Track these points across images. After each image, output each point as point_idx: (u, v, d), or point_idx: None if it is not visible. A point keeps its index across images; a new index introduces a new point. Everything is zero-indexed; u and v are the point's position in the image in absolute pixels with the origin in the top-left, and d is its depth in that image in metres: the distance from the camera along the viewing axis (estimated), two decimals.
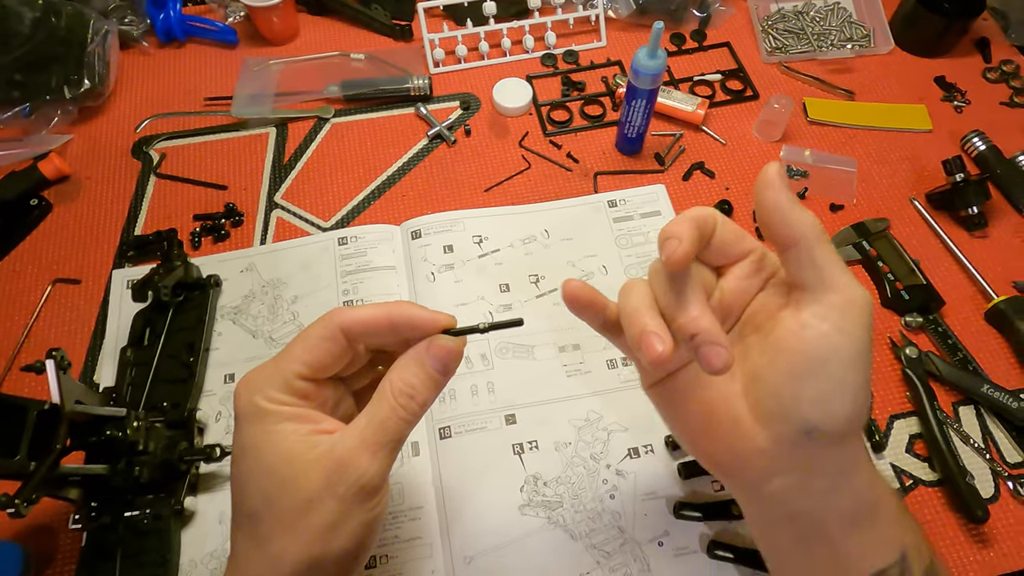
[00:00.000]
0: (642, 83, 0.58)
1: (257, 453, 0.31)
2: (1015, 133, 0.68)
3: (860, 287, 0.30)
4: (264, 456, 0.31)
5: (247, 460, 0.31)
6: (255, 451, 0.31)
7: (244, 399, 0.32)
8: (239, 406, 0.32)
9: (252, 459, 0.31)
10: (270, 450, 0.31)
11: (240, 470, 0.32)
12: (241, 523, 0.32)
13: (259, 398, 0.32)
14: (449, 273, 0.58)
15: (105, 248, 0.61)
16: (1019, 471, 0.51)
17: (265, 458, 0.31)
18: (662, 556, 0.47)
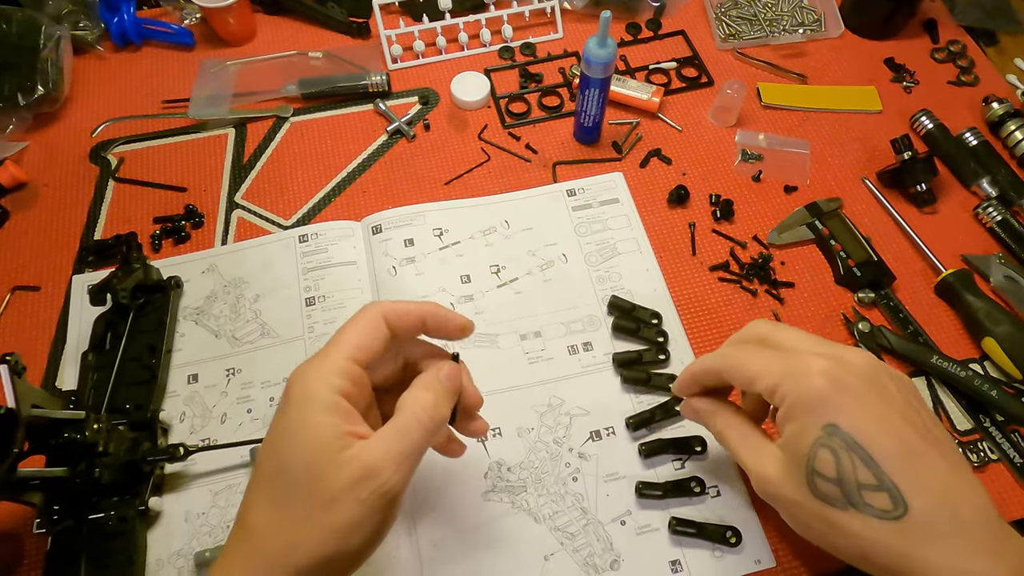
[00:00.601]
0: (594, 72, 0.59)
1: (296, 439, 0.33)
2: (962, 111, 0.70)
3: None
4: (302, 443, 0.33)
5: (287, 441, 0.33)
6: (295, 436, 0.33)
7: (298, 382, 0.34)
8: (290, 387, 0.34)
9: (291, 443, 0.33)
10: (308, 439, 0.33)
11: (278, 449, 0.33)
12: (265, 496, 0.33)
13: (312, 379, 0.34)
14: (411, 266, 0.59)
15: (64, 254, 0.61)
16: (968, 438, 0.52)
17: (303, 445, 0.33)
18: (625, 534, 0.48)
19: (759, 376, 0.38)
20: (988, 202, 0.62)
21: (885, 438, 0.34)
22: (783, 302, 0.58)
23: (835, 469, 0.35)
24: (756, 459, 0.39)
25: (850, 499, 0.35)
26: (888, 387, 0.36)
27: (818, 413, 0.35)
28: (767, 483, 0.38)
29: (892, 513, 0.34)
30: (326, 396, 0.34)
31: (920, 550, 0.33)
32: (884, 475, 0.34)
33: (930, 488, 0.34)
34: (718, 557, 0.47)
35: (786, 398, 0.36)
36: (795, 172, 0.66)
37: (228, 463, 0.51)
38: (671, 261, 0.60)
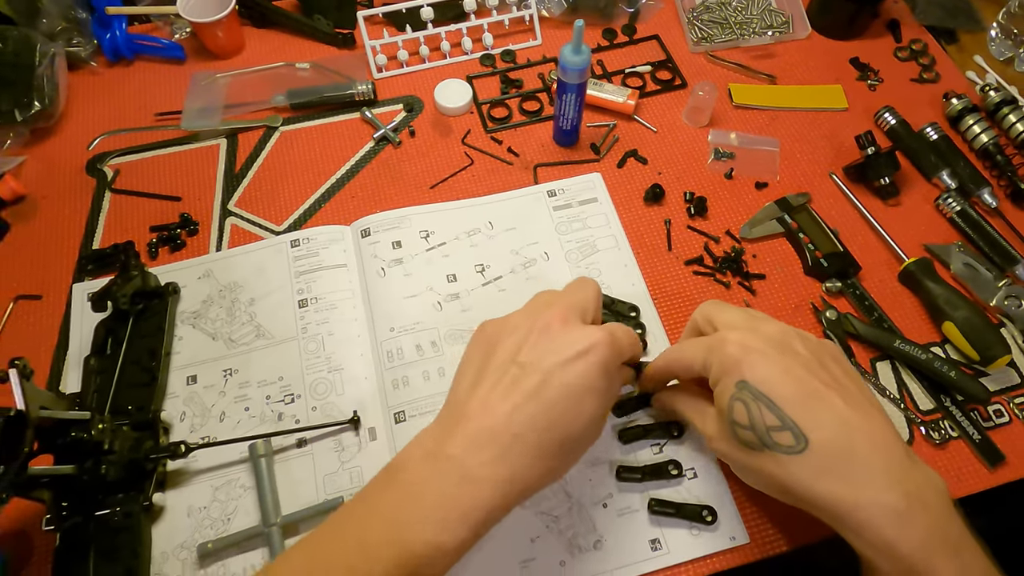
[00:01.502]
0: (570, 78, 0.61)
1: (603, 401, 0.41)
2: (924, 107, 0.73)
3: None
4: (604, 406, 0.42)
5: (595, 400, 0.40)
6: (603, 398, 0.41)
7: (611, 355, 0.41)
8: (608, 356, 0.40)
9: (598, 403, 0.40)
10: (607, 405, 0.42)
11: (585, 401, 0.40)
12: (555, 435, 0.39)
13: (617, 362, 0.42)
14: (398, 267, 0.61)
15: (64, 263, 0.63)
16: (930, 417, 0.55)
17: (604, 407, 0.42)
18: (607, 516, 0.50)
19: (692, 361, 0.45)
20: (948, 193, 0.65)
21: (785, 385, 0.40)
22: (755, 293, 0.61)
23: (747, 417, 0.41)
24: (702, 421, 0.46)
25: (763, 441, 0.40)
26: (794, 346, 0.42)
27: (732, 374, 0.42)
28: (710, 440, 0.46)
29: (795, 448, 0.39)
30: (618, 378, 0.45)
31: (821, 478, 0.39)
32: (786, 416, 0.39)
33: (826, 424, 0.39)
34: (695, 535, 0.50)
35: (711, 368, 0.43)
36: (765, 169, 0.69)
37: (227, 459, 0.53)
38: (648, 256, 0.63)
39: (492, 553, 0.49)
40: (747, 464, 0.43)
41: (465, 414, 0.39)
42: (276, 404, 0.55)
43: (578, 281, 0.47)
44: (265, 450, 0.52)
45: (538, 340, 0.41)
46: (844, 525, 0.39)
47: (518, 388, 0.39)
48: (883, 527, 0.37)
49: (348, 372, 0.56)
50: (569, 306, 0.43)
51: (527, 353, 0.40)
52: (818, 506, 0.39)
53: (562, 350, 0.40)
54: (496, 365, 0.40)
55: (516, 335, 0.42)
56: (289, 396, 0.56)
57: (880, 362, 0.58)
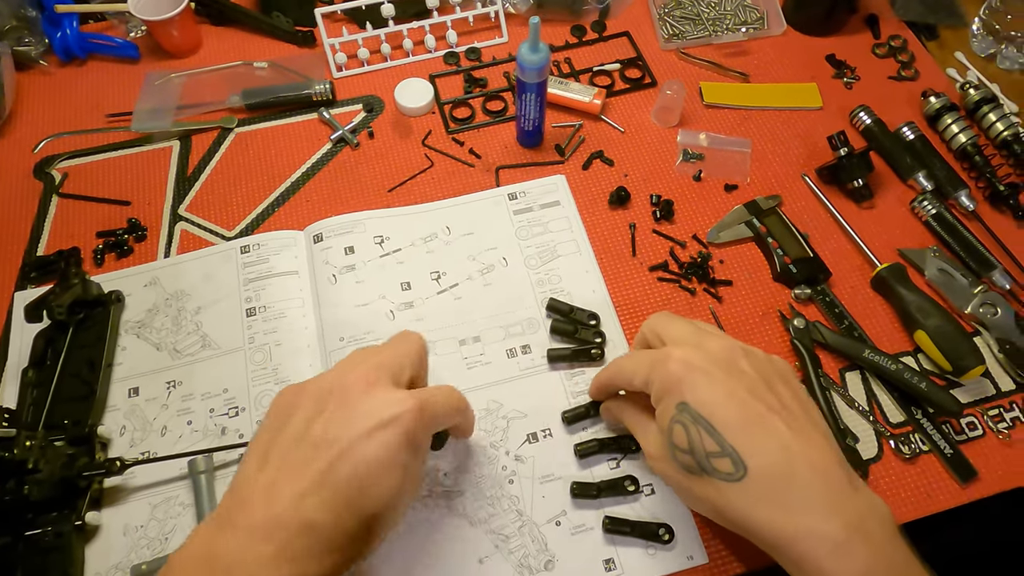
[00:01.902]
0: (528, 77, 0.59)
1: (407, 475, 0.38)
2: (902, 105, 0.71)
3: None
4: (410, 481, 0.39)
5: (397, 475, 0.37)
6: (407, 473, 0.38)
7: (418, 426, 0.38)
8: (417, 430, 0.38)
9: (401, 478, 0.37)
10: (415, 480, 0.39)
11: (385, 478, 0.37)
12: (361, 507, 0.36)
13: (426, 434, 0.40)
14: (350, 274, 0.59)
15: (7, 270, 0.61)
16: (900, 430, 0.53)
17: (410, 482, 0.39)
18: (560, 535, 0.48)
19: (634, 375, 0.43)
20: (924, 196, 0.63)
21: (727, 408, 0.38)
22: (721, 300, 0.59)
23: (687, 441, 0.39)
24: (645, 439, 0.45)
25: (702, 466, 0.39)
26: (740, 365, 0.41)
27: (674, 394, 0.40)
28: (650, 459, 0.44)
29: (734, 476, 0.38)
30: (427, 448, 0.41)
31: (759, 507, 0.37)
32: (726, 442, 0.38)
33: (767, 451, 0.37)
34: (651, 555, 0.48)
35: (653, 385, 0.42)
36: (736, 171, 0.66)
37: (167, 475, 0.51)
38: (611, 262, 0.61)
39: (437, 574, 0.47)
40: (686, 487, 0.41)
41: (248, 501, 0.35)
42: (220, 417, 0.53)
43: (399, 335, 0.44)
44: (206, 466, 0.50)
45: (335, 411, 0.37)
46: (783, 556, 0.37)
47: (308, 470, 0.35)
48: (821, 559, 0.35)
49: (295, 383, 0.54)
50: (378, 366, 0.40)
51: (321, 427, 0.37)
52: (756, 535, 0.38)
53: (359, 421, 0.36)
54: (286, 442, 0.37)
55: (311, 405, 0.38)
56: (234, 409, 0.54)
57: (849, 372, 0.56)
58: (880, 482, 0.51)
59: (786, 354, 0.56)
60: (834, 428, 0.51)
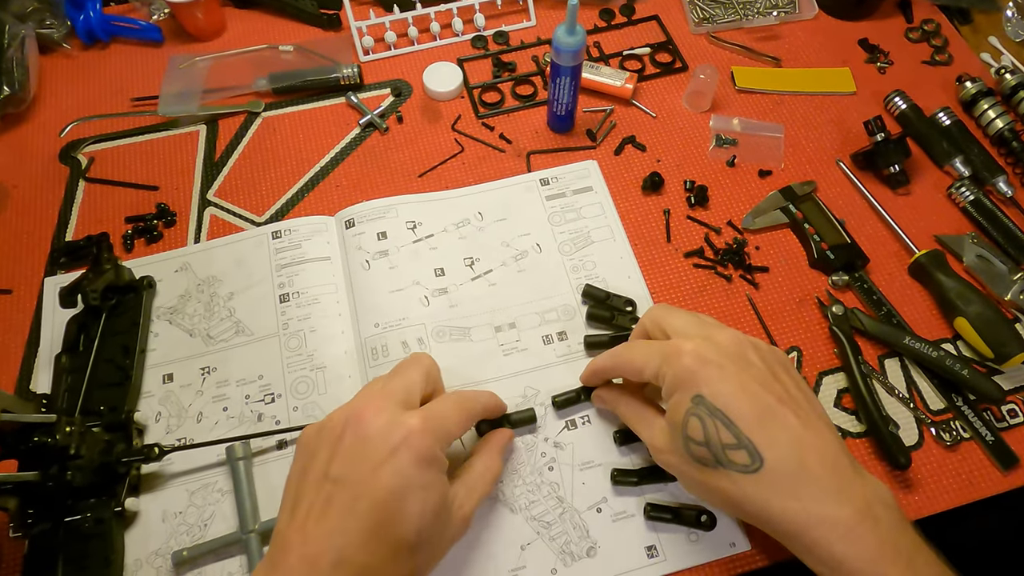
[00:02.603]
0: (564, 60, 0.58)
1: (427, 493, 0.38)
2: (936, 90, 0.70)
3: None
4: (433, 498, 0.39)
5: (417, 496, 0.38)
6: (426, 491, 0.38)
7: (427, 443, 0.39)
8: (424, 446, 0.38)
9: (421, 498, 0.38)
10: (438, 495, 0.39)
11: (407, 503, 0.37)
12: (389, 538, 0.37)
13: (438, 447, 0.40)
14: (383, 260, 0.58)
15: (36, 256, 0.60)
16: (941, 417, 0.53)
17: (433, 500, 0.39)
18: (601, 522, 0.48)
19: (644, 366, 0.43)
20: (961, 182, 0.62)
21: (742, 402, 0.39)
22: (758, 287, 0.59)
23: (703, 434, 0.39)
24: (649, 433, 0.45)
25: (717, 459, 0.39)
26: (750, 358, 0.41)
27: (688, 387, 0.40)
28: (658, 452, 0.44)
29: (751, 467, 0.38)
30: (445, 460, 0.40)
31: (775, 497, 0.38)
32: (742, 434, 0.38)
33: (780, 442, 0.38)
34: (693, 541, 0.47)
35: (665, 378, 0.41)
36: (769, 156, 0.66)
37: (204, 462, 0.51)
38: (645, 248, 0.60)
39: (479, 562, 0.47)
40: (699, 480, 0.41)
41: (286, 545, 0.37)
42: (256, 404, 0.53)
43: (408, 358, 0.46)
44: (244, 453, 0.50)
45: (349, 447, 0.38)
46: (796, 543, 0.38)
47: (333, 508, 0.37)
48: (833, 544, 0.36)
49: (331, 370, 0.54)
50: (387, 394, 0.41)
51: (339, 465, 0.38)
52: (770, 524, 0.39)
53: (372, 453, 0.38)
54: (311, 484, 0.38)
55: (329, 443, 0.39)
56: (269, 395, 0.53)
57: (888, 359, 0.55)
58: (921, 469, 0.51)
59: (825, 341, 0.56)
60: (877, 415, 0.51)
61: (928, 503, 0.49)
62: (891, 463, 0.50)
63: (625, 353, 0.46)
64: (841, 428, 0.52)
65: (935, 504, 0.50)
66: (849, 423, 0.53)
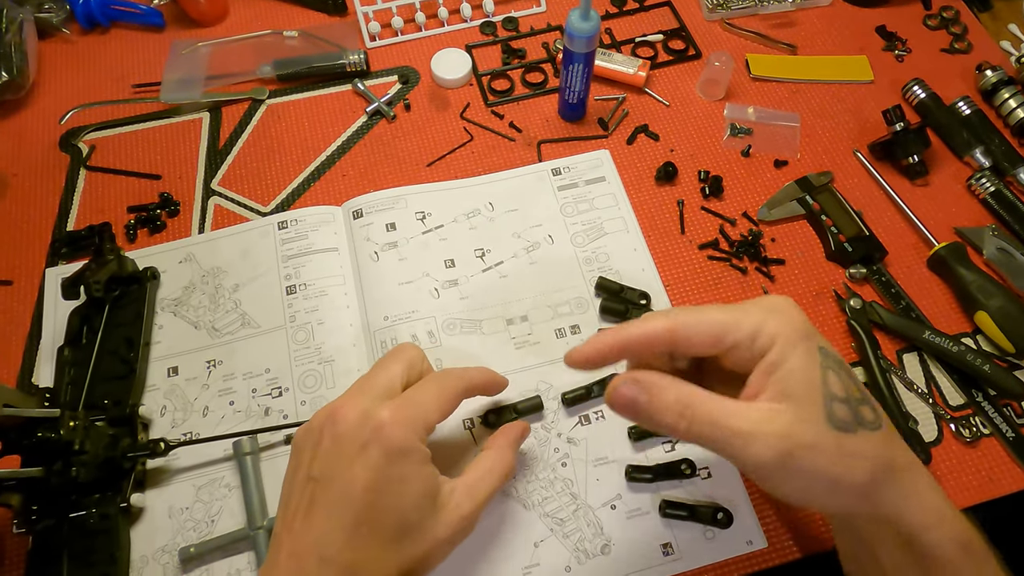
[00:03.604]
0: (577, 47, 0.57)
1: (404, 486, 0.37)
2: (955, 79, 0.68)
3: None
4: (411, 490, 0.37)
5: (393, 490, 0.37)
6: (402, 483, 0.37)
7: (398, 434, 0.37)
8: (395, 438, 0.37)
9: (397, 491, 0.37)
10: (417, 487, 0.38)
11: (384, 497, 0.36)
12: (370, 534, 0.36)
13: (413, 437, 0.38)
14: (393, 251, 0.57)
15: (37, 246, 0.59)
16: (960, 413, 0.52)
17: (412, 492, 0.37)
18: (616, 519, 0.47)
19: (737, 324, 0.33)
20: (981, 173, 0.61)
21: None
22: (773, 279, 0.57)
23: (843, 388, 0.33)
24: (746, 417, 0.32)
25: (856, 417, 0.33)
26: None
27: (812, 339, 0.33)
28: (784, 440, 0.31)
29: (876, 422, 0.33)
30: (423, 449, 0.38)
31: (895, 452, 0.34)
32: (861, 386, 0.34)
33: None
34: (710, 539, 0.47)
35: (778, 336, 0.33)
36: (785, 146, 0.64)
37: (211, 457, 0.50)
38: (659, 240, 0.59)
39: (493, 558, 0.46)
40: (834, 457, 0.32)
41: (279, 543, 0.37)
42: (263, 398, 0.52)
43: (391, 351, 0.44)
44: (251, 448, 0.49)
45: (328, 446, 0.38)
46: (896, 493, 0.33)
47: (316, 507, 0.36)
48: (926, 490, 0.35)
49: (340, 364, 0.53)
50: (365, 389, 0.40)
51: (319, 464, 0.38)
52: (896, 489, 0.33)
53: (347, 450, 0.37)
54: (298, 484, 0.38)
55: (311, 443, 0.39)
56: (276, 389, 0.52)
57: (907, 354, 0.54)
58: (941, 465, 0.50)
59: (843, 335, 0.55)
60: (896, 411, 0.50)
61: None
62: None
63: (691, 313, 0.35)
64: None
65: (955, 501, 0.47)
66: None
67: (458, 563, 0.45)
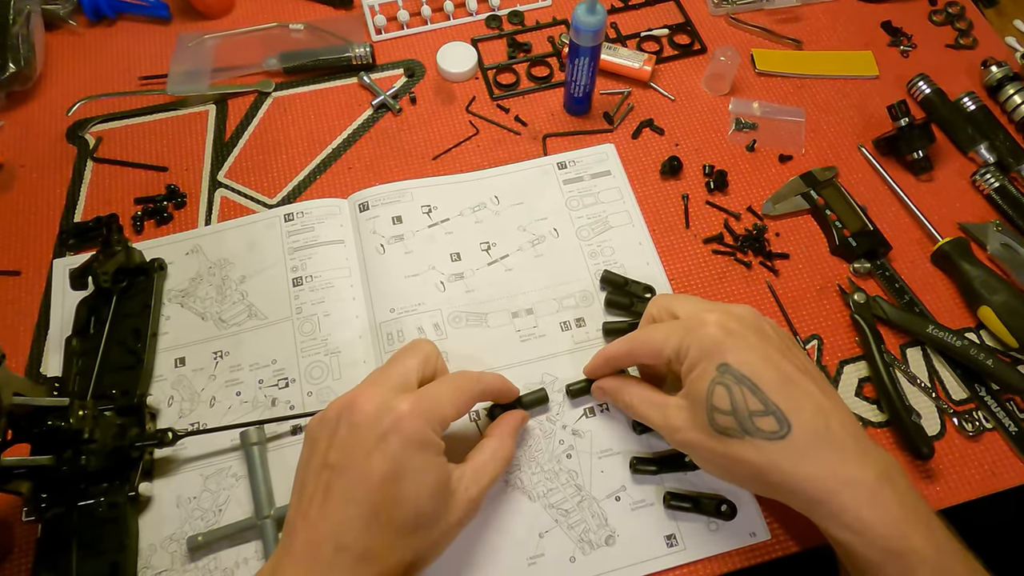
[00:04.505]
0: (583, 40, 0.57)
1: (422, 476, 0.38)
2: (960, 75, 0.69)
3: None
4: (428, 480, 0.38)
5: (410, 480, 0.37)
6: (420, 474, 0.38)
7: (416, 426, 0.38)
8: (414, 429, 0.38)
9: (415, 481, 0.38)
10: (433, 478, 0.39)
11: (401, 487, 0.37)
12: (387, 522, 0.37)
13: (429, 430, 0.39)
14: (399, 245, 0.58)
15: (44, 237, 0.59)
16: (963, 407, 0.52)
17: (429, 482, 0.38)
18: (620, 510, 0.48)
19: (665, 343, 0.43)
20: (986, 168, 0.61)
21: (767, 369, 0.39)
22: (778, 274, 0.58)
23: (729, 402, 0.39)
24: (662, 414, 0.44)
25: (743, 427, 0.39)
26: (767, 331, 0.42)
27: (713, 356, 0.40)
28: (676, 431, 0.42)
29: (779, 433, 0.38)
30: (440, 442, 0.40)
31: (802, 463, 0.38)
32: (769, 400, 0.39)
33: (805, 408, 0.39)
34: (713, 530, 0.47)
35: (689, 351, 0.41)
36: (790, 141, 0.64)
37: (218, 447, 0.50)
38: (664, 234, 0.59)
39: (498, 549, 0.46)
40: (721, 453, 0.40)
41: (294, 531, 0.38)
42: (269, 389, 0.52)
43: (407, 345, 0.45)
44: (258, 438, 0.50)
45: (345, 435, 0.38)
46: (822, 510, 0.38)
47: (332, 495, 0.37)
48: (861, 508, 0.37)
49: (346, 355, 0.53)
50: (381, 381, 0.41)
51: (335, 453, 0.38)
52: (796, 492, 0.39)
53: (364, 440, 0.38)
54: (313, 472, 0.39)
55: (328, 432, 0.39)
56: (283, 380, 0.53)
57: (911, 348, 0.54)
58: (943, 459, 0.50)
59: (846, 329, 0.55)
60: (899, 405, 0.50)
61: (950, 494, 0.49)
62: (913, 453, 0.49)
63: (641, 335, 0.45)
64: (862, 417, 0.52)
65: (957, 495, 0.49)
66: (871, 412, 0.52)
67: (464, 553, 0.46)
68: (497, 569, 0.45)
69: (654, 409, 0.44)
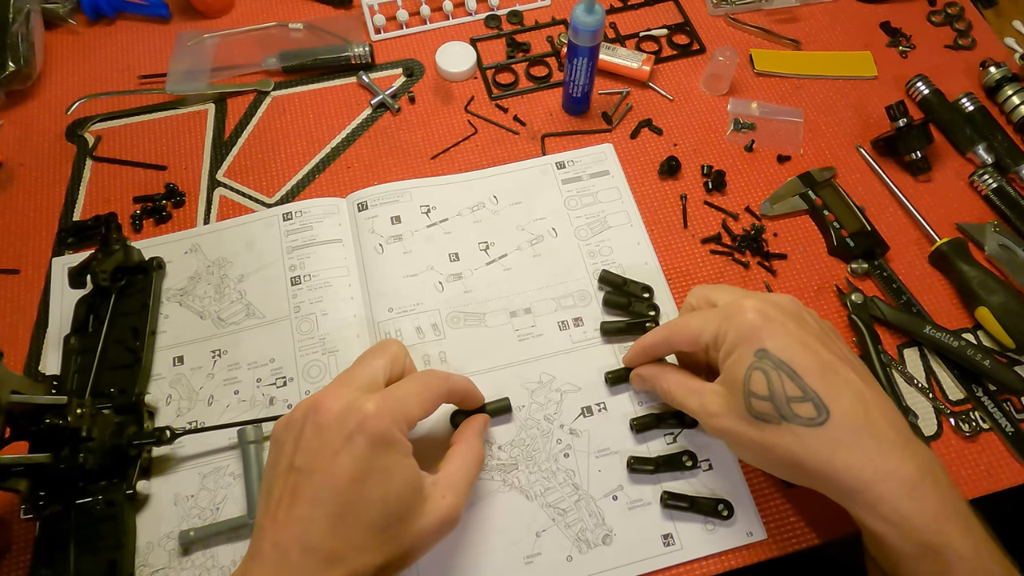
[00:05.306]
0: (582, 40, 0.57)
1: (389, 477, 0.37)
2: (959, 76, 0.69)
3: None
4: (395, 481, 0.38)
5: (377, 480, 0.37)
6: (387, 474, 0.37)
7: (382, 426, 0.37)
8: (380, 429, 0.37)
9: (382, 481, 0.37)
10: (401, 478, 0.38)
11: (367, 487, 0.37)
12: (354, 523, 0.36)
13: (395, 429, 0.38)
14: (397, 244, 0.58)
15: (43, 235, 0.59)
16: (960, 407, 0.52)
17: (396, 482, 0.38)
18: (617, 510, 0.48)
19: (702, 329, 0.43)
20: (984, 169, 0.61)
21: (805, 356, 0.39)
22: (775, 274, 0.58)
23: (767, 387, 0.39)
24: (699, 400, 0.43)
25: (781, 412, 0.38)
26: (806, 319, 0.42)
27: (751, 342, 0.40)
28: (713, 417, 0.42)
29: (817, 420, 0.38)
30: (407, 442, 0.39)
31: (840, 451, 0.37)
32: (807, 386, 0.38)
33: (845, 395, 0.38)
34: (710, 530, 0.47)
35: (727, 336, 0.41)
36: (788, 141, 0.64)
37: (216, 445, 0.50)
38: (662, 234, 0.59)
39: (495, 548, 0.46)
40: (758, 440, 0.40)
41: (262, 533, 0.37)
42: (267, 387, 0.52)
43: (373, 346, 0.44)
44: (255, 436, 0.50)
45: (310, 438, 0.38)
46: (859, 500, 0.38)
47: (299, 497, 0.37)
48: (900, 499, 0.36)
49: (344, 355, 0.53)
50: (347, 381, 0.40)
51: (301, 455, 0.38)
52: (833, 480, 0.38)
53: (330, 441, 0.37)
54: (280, 475, 0.38)
55: (293, 435, 0.39)
56: (281, 379, 0.53)
57: (908, 349, 0.55)
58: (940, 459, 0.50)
59: (843, 329, 0.55)
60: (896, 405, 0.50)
61: None
62: None
63: (679, 322, 0.45)
64: None
65: None
66: None
67: (461, 552, 0.46)
68: (494, 568, 0.46)
69: (691, 395, 0.44)
